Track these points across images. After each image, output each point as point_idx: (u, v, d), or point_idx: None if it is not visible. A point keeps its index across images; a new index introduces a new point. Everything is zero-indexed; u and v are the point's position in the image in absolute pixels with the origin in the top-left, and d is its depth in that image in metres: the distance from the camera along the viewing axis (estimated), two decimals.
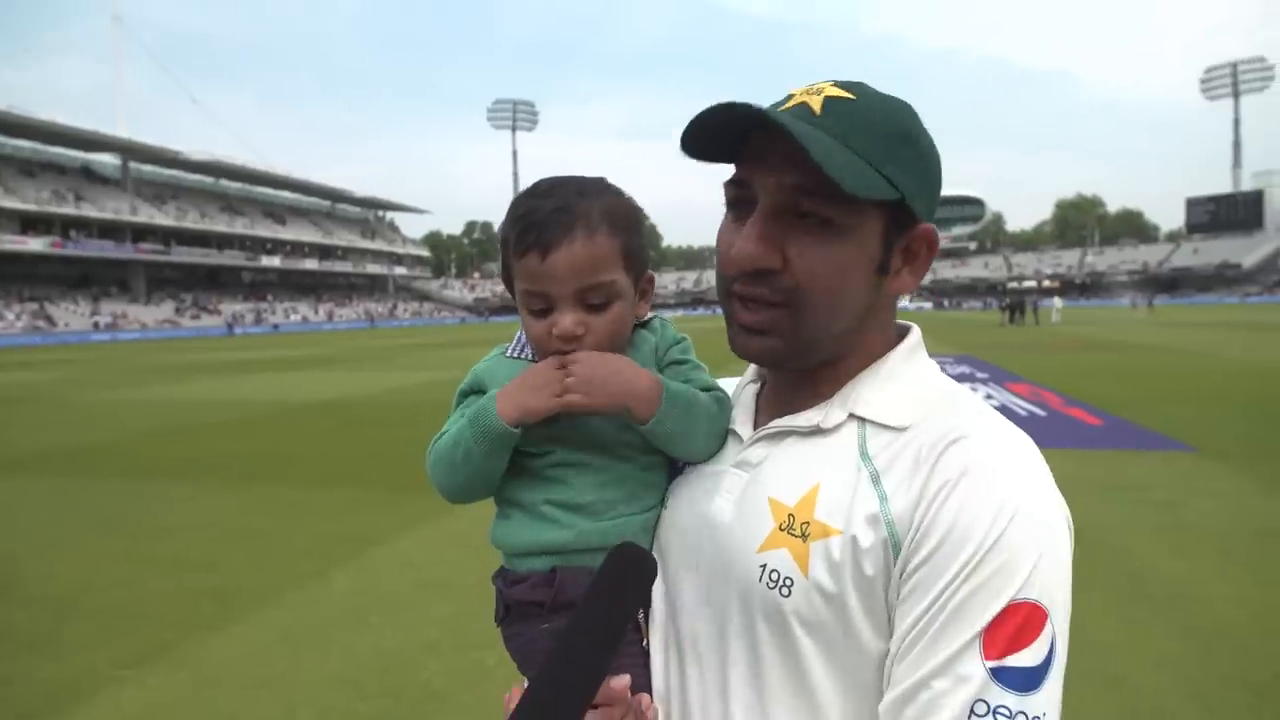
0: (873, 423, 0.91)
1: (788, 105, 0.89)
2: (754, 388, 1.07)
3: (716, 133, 0.89)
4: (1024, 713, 0.74)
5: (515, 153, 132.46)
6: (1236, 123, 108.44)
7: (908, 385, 0.93)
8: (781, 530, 0.88)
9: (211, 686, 3.85)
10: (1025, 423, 10.69)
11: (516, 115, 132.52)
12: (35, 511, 7.41)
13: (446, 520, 6.55)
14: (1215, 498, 6.73)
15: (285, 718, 3.56)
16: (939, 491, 0.81)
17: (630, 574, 0.83)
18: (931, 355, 1.00)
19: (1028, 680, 0.75)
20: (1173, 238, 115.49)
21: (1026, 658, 0.75)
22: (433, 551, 5.83)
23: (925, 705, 0.76)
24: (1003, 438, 0.86)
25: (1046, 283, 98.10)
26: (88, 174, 79.48)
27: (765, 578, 0.87)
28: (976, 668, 0.75)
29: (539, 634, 1.01)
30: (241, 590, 5.13)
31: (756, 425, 1.01)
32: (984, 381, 15.69)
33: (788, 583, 0.86)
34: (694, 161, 0.94)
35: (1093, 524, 6.06)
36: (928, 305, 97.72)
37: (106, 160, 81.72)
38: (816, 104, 0.87)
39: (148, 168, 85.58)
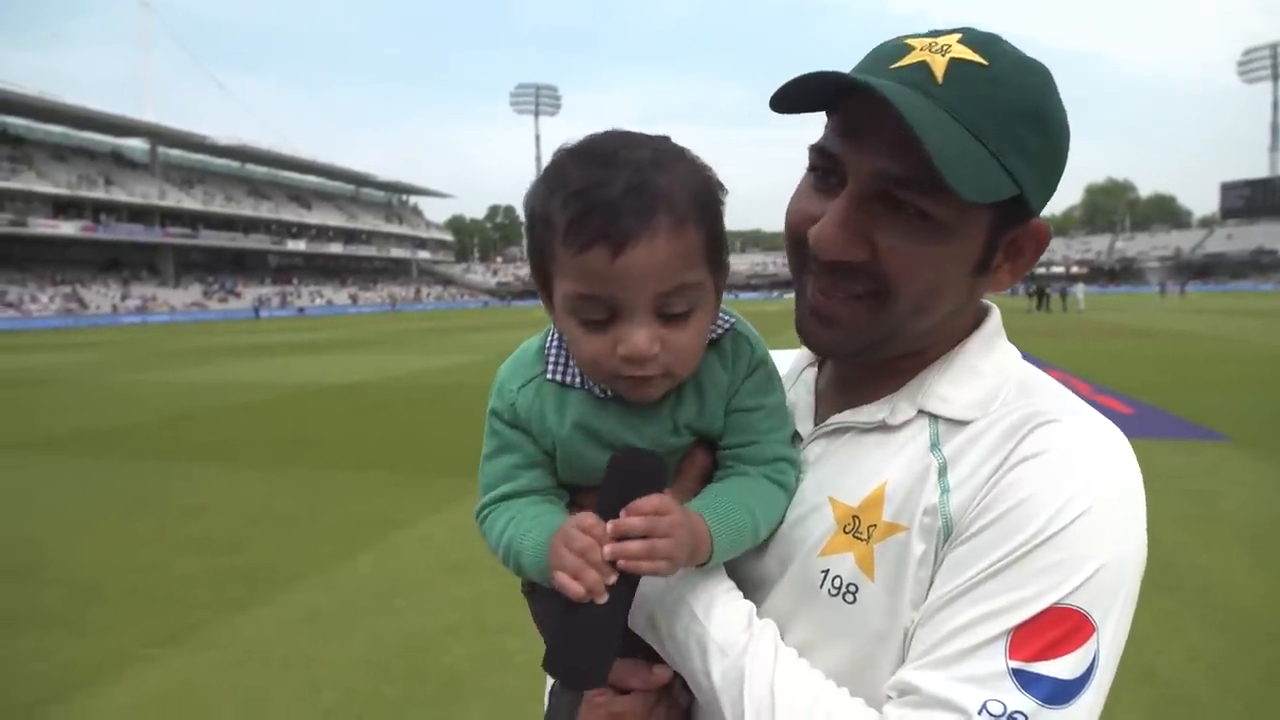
0: (945, 419, 0.82)
1: (903, 62, 0.74)
2: (812, 372, 0.99)
3: (811, 89, 0.76)
4: None
5: (538, 137, 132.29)
6: (1275, 105, 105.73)
7: (985, 378, 0.84)
8: (845, 533, 0.82)
9: (237, 666, 3.89)
10: None
11: (539, 100, 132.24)
12: (64, 493, 7.53)
13: (469, 503, 6.49)
14: (1248, 488, 6.59)
15: (310, 698, 3.59)
16: (1010, 469, 0.74)
17: (637, 475, 0.77)
18: None
19: (1055, 692, 0.68)
20: (1206, 223, 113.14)
21: (1060, 668, 0.68)
22: (455, 534, 5.85)
23: (937, 693, 0.71)
24: (1095, 427, 0.79)
25: (1075, 269, 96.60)
26: (117, 158, 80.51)
27: (828, 584, 0.82)
28: (998, 663, 0.69)
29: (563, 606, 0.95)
30: (268, 571, 5.18)
31: (817, 418, 0.93)
32: None
33: (852, 589, 0.80)
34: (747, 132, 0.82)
35: None
36: None
37: (135, 145, 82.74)
38: (940, 67, 0.73)
39: (175, 152, 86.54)
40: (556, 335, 0.90)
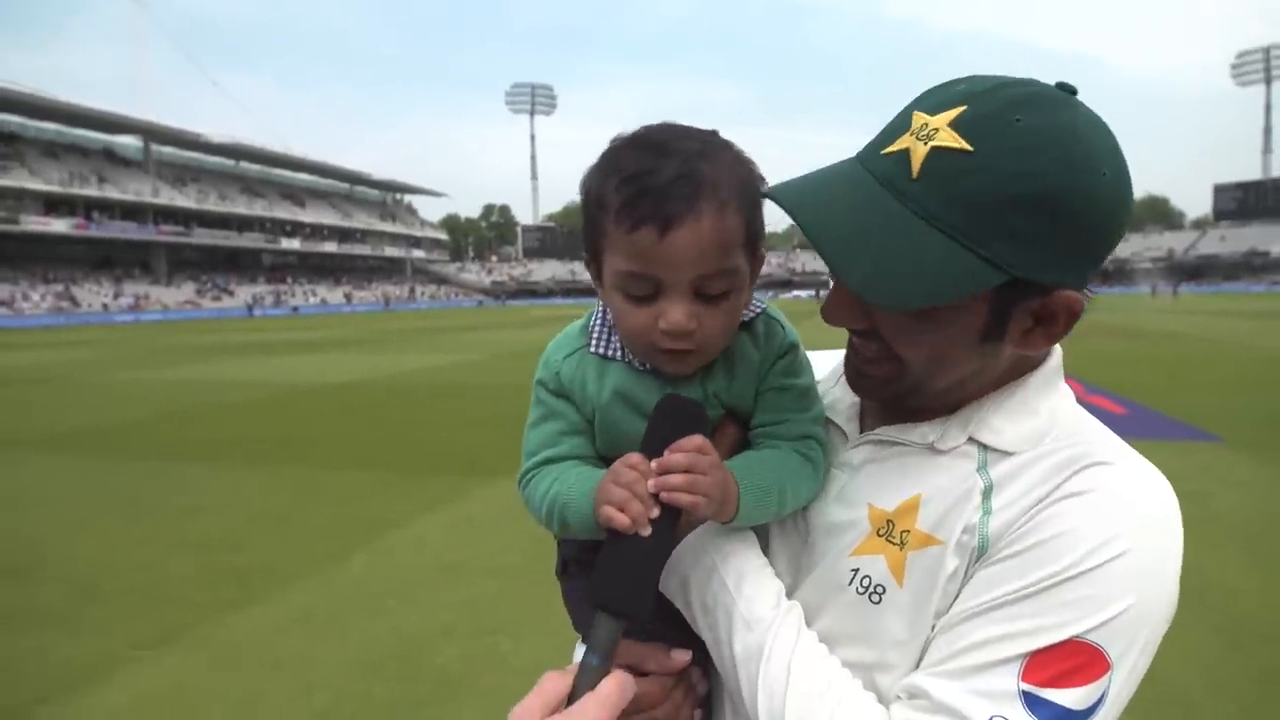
0: (995, 449, 0.83)
1: (891, 148, 0.75)
2: None
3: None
4: None
5: (533, 136, 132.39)
6: (1268, 108, 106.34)
7: (1038, 416, 0.84)
8: (879, 535, 0.84)
9: (229, 667, 3.87)
10: None
11: (535, 99, 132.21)
12: (59, 492, 7.49)
13: (463, 503, 6.57)
14: (1241, 488, 6.61)
15: (302, 699, 3.57)
16: (1055, 501, 0.76)
17: (681, 417, 0.83)
18: None
19: (1059, 719, 0.70)
20: (1199, 225, 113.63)
21: (1068, 698, 0.70)
22: (449, 535, 5.84)
23: (947, 700, 0.73)
24: (1147, 476, 0.80)
25: None
26: (110, 156, 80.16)
27: (856, 582, 0.84)
28: (1009, 683, 0.71)
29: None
30: (262, 571, 5.16)
31: (864, 422, 0.96)
32: None
33: (879, 590, 0.83)
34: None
35: None
36: None
37: (128, 142, 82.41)
38: (919, 158, 0.72)
39: (169, 150, 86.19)
40: (600, 314, 0.97)
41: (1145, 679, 0.72)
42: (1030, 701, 0.70)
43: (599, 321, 0.97)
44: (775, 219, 0.92)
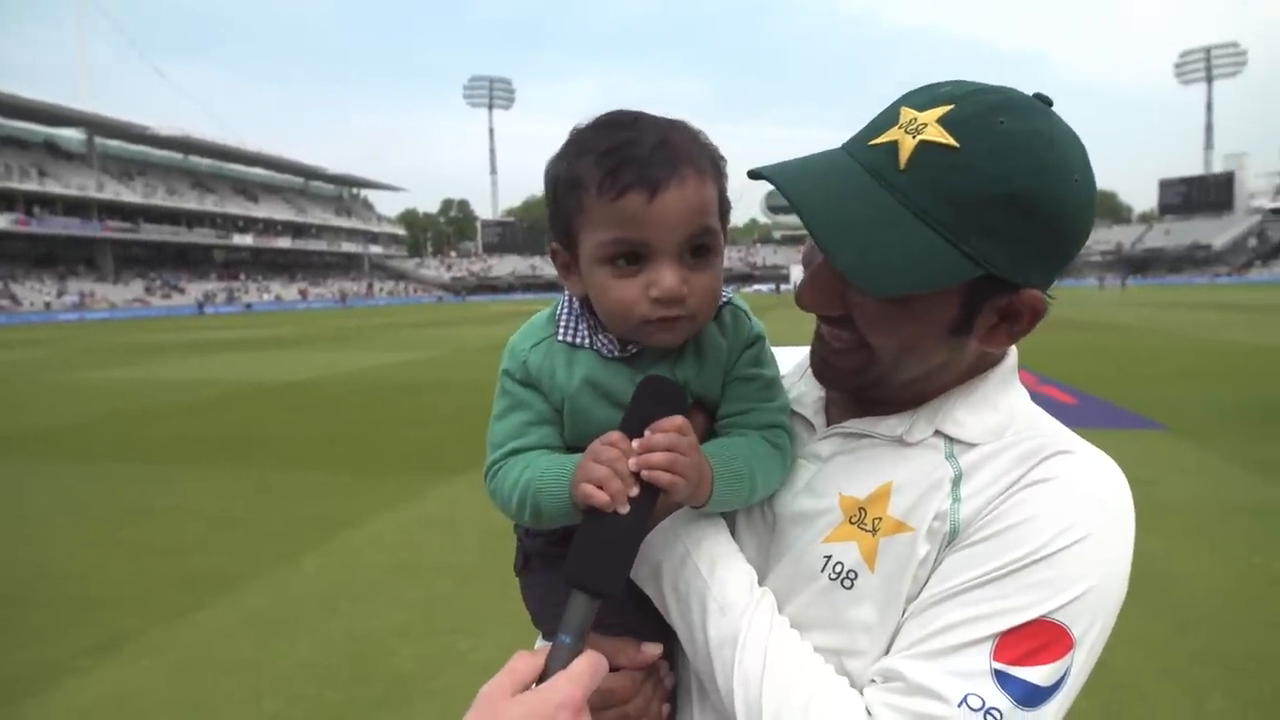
0: (961, 441, 0.86)
1: (880, 140, 0.77)
2: None
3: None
4: None
5: (492, 130, 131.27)
6: (1209, 106, 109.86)
7: (999, 410, 0.88)
8: (850, 523, 0.86)
9: (175, 674, 3.75)
10: None
11: (493, 93, 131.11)
12: None
13: (420, 502, 6.47)
14: (1186, 475, 6.80)
15: (252, 706, 3.47)
16: (1021, 489, 0.80)
17: (661, 398, 0.84)
18: None
19: (1028, 695, 0.74)
20: (1145, 219, 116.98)
21: (1036, 675, 0.74)
22: (405, 534, 5.74)
23: (921, 666, 0.76)
24: (1104, 466, 0.84)
25: None
26: (51, 149, 77.45)
27: (828, 569, 0.86)
28: (982, 663, 0.74)
29: (557, 587, 0.92)
30: (209, 575, 5.01)
31: (830, 415, 0.97)
32: None
33: (851, 575, 0.84)
34: None
35: None
36: None
37: (71, 135, 79.65)
38: (906, 151, 0.75)
39: (114, 143, 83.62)
40: (567, 303, 0.96)
41: (1094, 665, 0.74)
42: (1001, 679, 0.73)
43: (566, 310, 0.96)
44: (737, 216, 0.93)
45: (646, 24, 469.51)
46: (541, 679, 0.72)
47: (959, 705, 0.73)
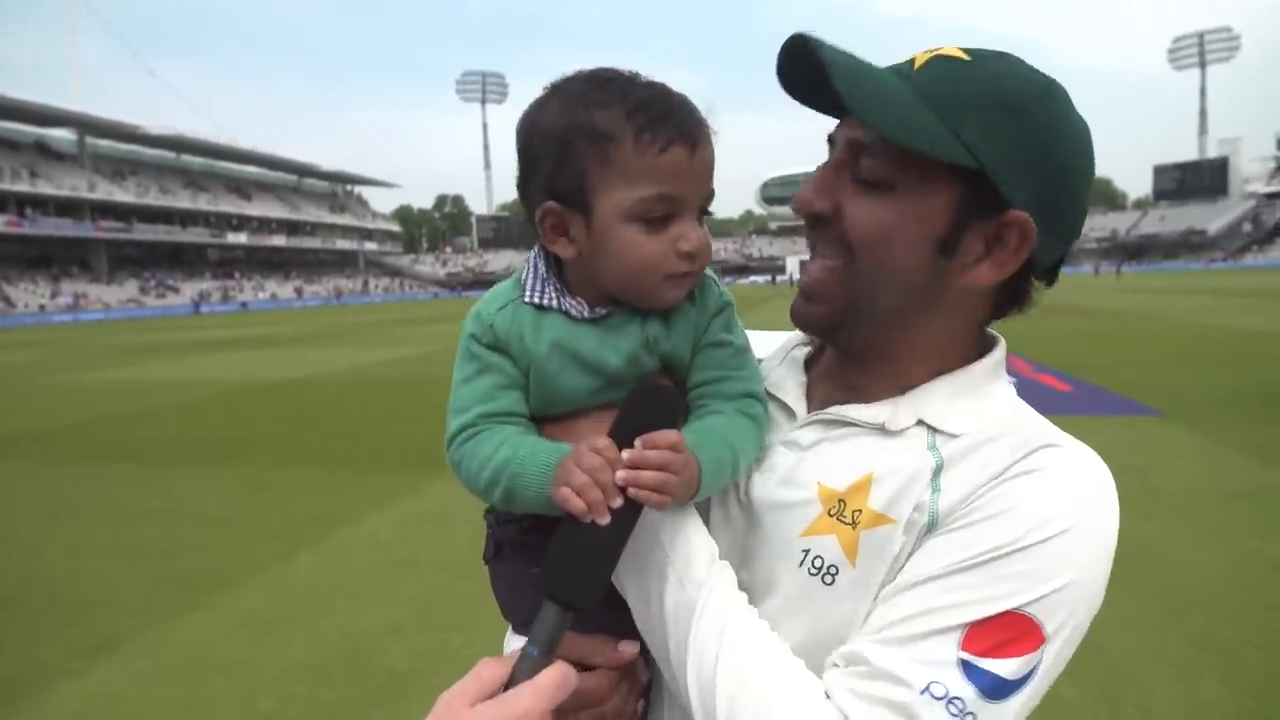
0: (944, 432, 0.84)
1: (896, 63, 0.84)
2: (803, 351, 1.01)
3: (812, 78, 0.81)
4: (974, 715, 0.71)
5: (485, 125, 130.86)
6: (1203, 91, 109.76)
7: (984, 400, 0.87)
8: (830, 515, 0.84)
9: (169, 675, 3.74)
10: None
11: (486, 87, 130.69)
12: None
13: (413, 500, 6.45)
14: (1181, 461, 6.81)
15: (245, 705, 3.46)
16: (1005, 480, 0.78)
17: (658, 407, 0.82)
18: None
19: (994, 688, 0.72)
20: (1140, 205, 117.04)
21: (1004, 668, 0.72)
22: (400, 531, 5.73)
23: (887, 652, 0.74)
24: (1092, 463, 0.82)
25: None
26: (42, 150, 77.08)
27: (808, 563, 0.84)
28: (949, 652, 0.73)
29: (529, 577, 0.90)
30: (204, 575, 4.99)
31: (810, 401, 0.95)
32: None
33: (832, 570, 0.82)
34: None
35: None
36: None
37: (62, 135, 79.24)
38: (922, 60, 0.81)
39: (105, 143, 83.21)
40: (531, 266, 0.92)
41: (1087, 648, 0.72)
42: (968, 669, 0.72)
43: (531, 274, 0.92)
44: (732, 207, 0.96)
45: (638, 15, 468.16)
46: (506, 688, 0.70)
47: (921, 693, 0.71)
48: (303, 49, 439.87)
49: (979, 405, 0.86)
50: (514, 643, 0.95)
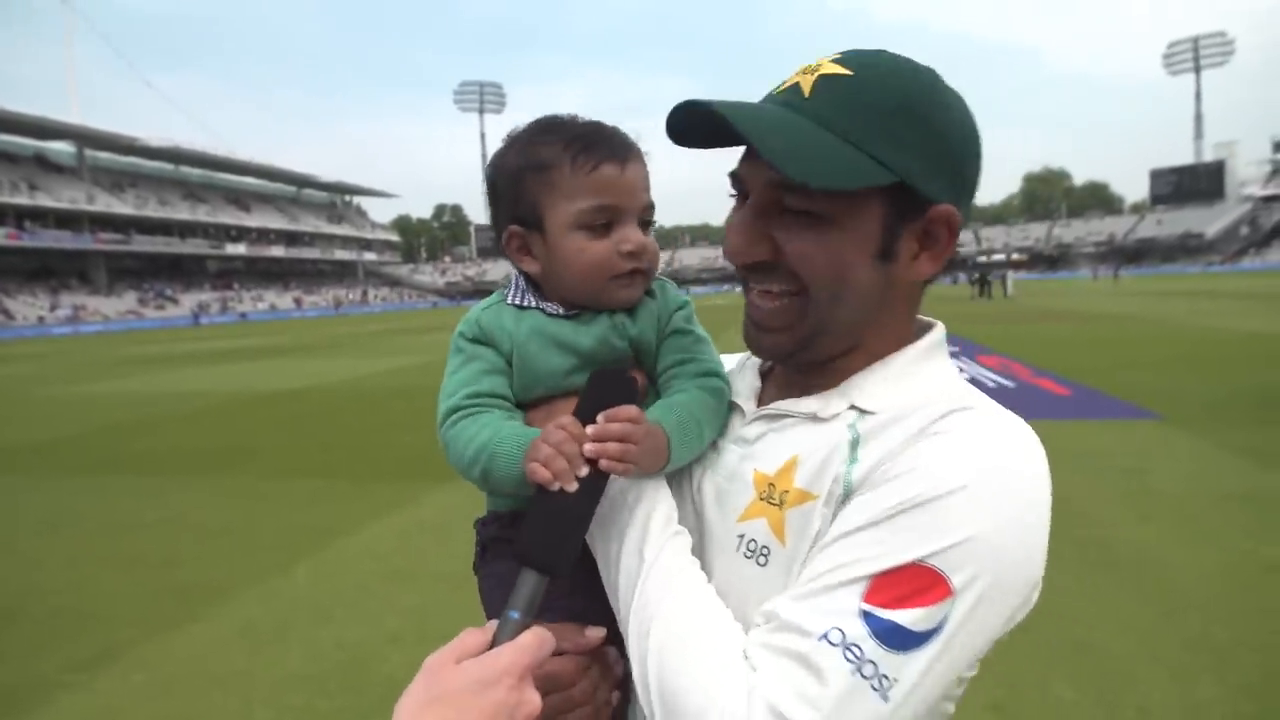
0: (867, 411, 0.88)
1: (781, 88, 0.86)
2: (758, 361, 1.07)
3: (705, 124, 0.85)
4: (874, 662, 0.72)
5: (483, 135, 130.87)
6: (1198, 95, 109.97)
7: (915, 381, 0.89)
8: (762, 500, 0.88)
9: (167, 687, 3.73)
10: (993, 395, 10.76)
11: (484, 97, 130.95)
12: None
13: (411, 510, 6.45)
14: (1179, 464, 6.81)
15: (243, 716, 3.46)
16: (914, 444, 0.81)
17: (615, 388, 0.88)
18: None
19: (893, 636, 0.73)
20: (1138, 209, 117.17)
21: (905, 618, 0.73)
22: (398, 541, 5.73)
23: (795, 606, 0.77)
24: (1006, 425, 0.83)
25: (1016, 256, 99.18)
26: (41, 162, 77.18)
27: (743, 547, 0.88)
28: (852, 601, 0.74)
29: (510, 572, 0.96)
30: (201, 586, 4.99)
31: (761, 402, 1.00)
32: (955, 355, 15.80)
33: (765, 552, 0.86)
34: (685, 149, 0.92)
35: (1062, 493, 6.02)
36: None
37: (60, 148, 79.36)
38: (807, 85, 0.83)
39: (104, 155, 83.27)
40: (514, 280, 1.07)
41: (1084, 649, 0.72)
42: (868, 618, 0.73)
43: (513, 284, 1.06)
44: (723, 214, 1.02)
45: (636, 23, 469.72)
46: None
47: (819, 639, 0.74)
48: (300, 60, 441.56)
49: (908, 385, 0.89)
50: None
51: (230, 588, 4.93)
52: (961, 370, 13.94)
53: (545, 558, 0.81)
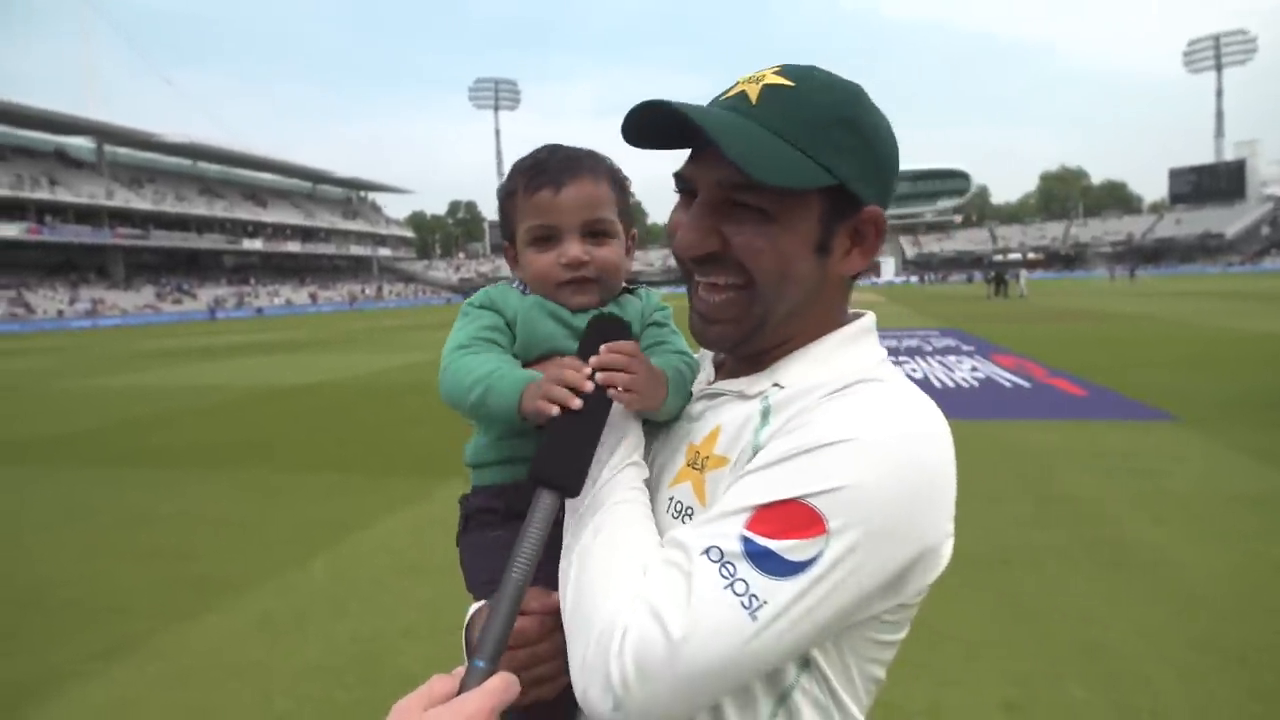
0: (784, 387, 0.96)
1: (729, 94, 0.93)
2: (710, 354, 1.18)
3: (659, 126, 0.92)
4: (745, 581, 0.79)
5: (498, 132, 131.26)
6: (1219, 94, 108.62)
7: (836, 364, 0.97)
8: (689, 466, 0.98)
9: (184, 678, 3.78)
10: (1010, 395, 10.73)
11: (499, 94, 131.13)
12: (1, 504, 7.28)
13: (425, 504, 6.50)
14: (1195, 465, 6.77)
15: (262, 707, 3.50)
16: (819, 404, 0.89)
17: (612, 331, 0.99)
18: (918, 328, 1.00)
19: (766, 560, 0.80)
20: (1156, 208, 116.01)
21: (780, 546, 0.80)
22: (412, 535, 5.78)
23: (688, 530, 0.86)
24: (907, 396, 0.91)
25: (1032, 255, 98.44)
26: (61, 158, 78.02)
27: (671, 509, 0.97)
28: (735, 527, 0.82)
29: (490, 542, 1.11)
30: (218, 579, 5.05)
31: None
32: (970, 354, 15.74)
33: (689, 512, 0.94)
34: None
35: (1076, 494, 6.08)
36: (914, 279, 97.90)
37: (80, 144, 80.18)
38: (754, 93, 0.91)
39: (123, 151, 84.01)
40: (517, 280, 1.21)
41: (1097, 649, 0.73)
42: (746, 542, 0.80)
43: (516, 283, 1.21)
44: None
45: (650, 21, 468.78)
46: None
47: (700, 554, 0.81)
48: (316, 56, 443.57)
49: (826, 364, 0.97)
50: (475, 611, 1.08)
51: (247, 580, 4.99)
52: (975, 370, 13.76)
53: (560, 477, 0.88)
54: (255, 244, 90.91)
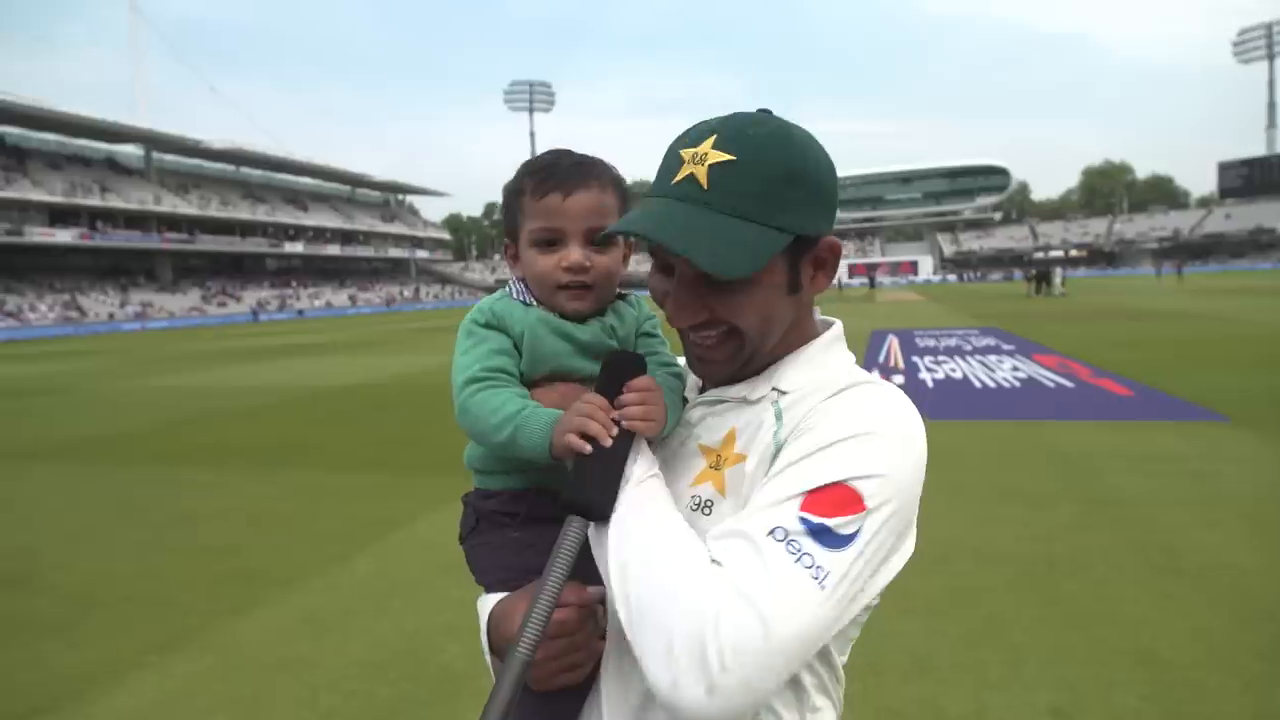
0: (786, 391, 1.08)
1: (678, 177, 1.00)
2: None
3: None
4: (810, 555, 0.88)
5: (533, 134, 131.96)
6: (1271, 84, 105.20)
7: (823, 367, 1.10)
8: (709, 468, 1.07)
9: (235, 671, 3.88)
10: (1053, 395, 10.51)
11: (534, 96, 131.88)
12: (60, 501, 7.52)
13: (460, 504, 6.55)
14: (1247, 467, 6.57)
15: (308, 701, 3.57)
16: (825, 403, 1.01)
17: (628, 368, 1.05)
18: (956, 327, 1.04)
19: (827, 538, 0.90)
20: (1204, 203, 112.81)
21: (833, 524, 0.90)
22: (451, 534, 5.78)
23: (744, 519, 0.93)
24: (896, 396, 1.03)
25: (1074, 252, 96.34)
26: (112, 165, 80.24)
27: (691, 504, 1.06)
28: (792, 510, 0.91)
29: (508, 541, 1.17)
30: (265, 575, 5.17)
31: (701, 390, 1.21)
32: (1010, 354, 15.46)
33: (709, 505, 1.05)
34: None
35: (1124, 496, 5.94)
36: (952, 278, 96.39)
37: (130, 151, 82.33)
38: (703, 175, 0.97)
39: (170, 157, 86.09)
40: (514, 284, 1.24)
41: (1149, 657, 0.73)
42: (805, 521, 0.90)
43: (515, 287, 1.23)
44: None
45: (683, 20, 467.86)
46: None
47: (766, 535, 0.89)
48: (355, 62, 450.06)
49: (816, 369, 1.09)
50: (488, 604, 1.14)
51: (293, 577, 5.09)
52: (1016, 370, 13.56)
53: (599, 506, 0.97)
54: (297, 247, 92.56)
